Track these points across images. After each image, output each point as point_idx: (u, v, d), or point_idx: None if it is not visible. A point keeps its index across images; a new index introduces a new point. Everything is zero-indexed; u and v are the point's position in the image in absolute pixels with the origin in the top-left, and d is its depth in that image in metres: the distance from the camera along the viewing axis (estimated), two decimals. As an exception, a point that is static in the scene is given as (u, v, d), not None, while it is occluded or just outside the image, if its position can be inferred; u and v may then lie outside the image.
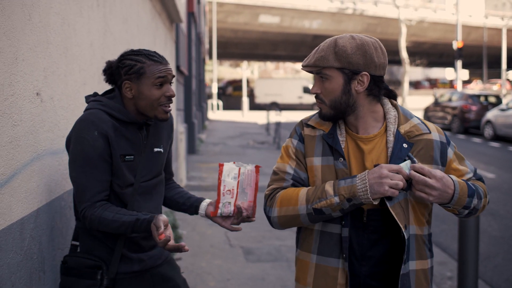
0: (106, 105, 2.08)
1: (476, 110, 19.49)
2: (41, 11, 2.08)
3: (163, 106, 2.10)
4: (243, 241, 6.11)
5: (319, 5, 39.49)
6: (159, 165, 2.26)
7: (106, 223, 1.99)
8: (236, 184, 2.17)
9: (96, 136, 2.00)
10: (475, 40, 46.51)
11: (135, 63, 2.08)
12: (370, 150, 1.96)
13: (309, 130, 2.06)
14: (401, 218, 1.89)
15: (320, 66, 1.92)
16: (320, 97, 1.98)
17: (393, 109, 2.03)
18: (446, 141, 2.03)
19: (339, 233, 1.96)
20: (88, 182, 2.01)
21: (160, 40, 6.14)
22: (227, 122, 26.47)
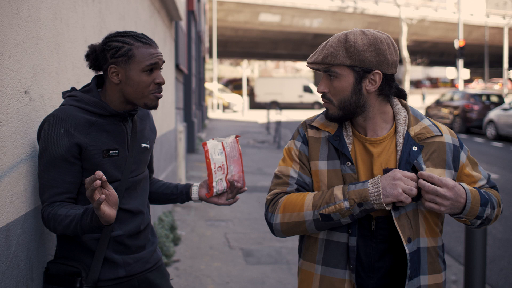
0: (80, 100, 1.94)
1: (478, 109, 19.39)
2: (31, 5, 1.97)
3: (155, 93, 1.98)
4: (243, 243, 6.02)
5: (319, 4, 39.41)
6: (145, 161, 2.16)
7: (59, 220, 1.80)
8: (224, 158, 2.15)
9: (61, 134, 1.86)
10: (477, 39, 46.43)
11: (122, 45, 1.92)
12: (379, 153, 1.84)
13: (313, 131, 1.93)
14: (406, 231, 1.77)
15: (329, 64, 1.79)
16: (328, 97, 1.85)
17: (403, 109, 1.91)
18: (459, 144, 1.91)
19: (345, 242, 1.83)
20: (48, 182, 1.87)
21: (159, 38, 6.03)
22: (227, 121, 26.37)
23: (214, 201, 2.21)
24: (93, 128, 1.92)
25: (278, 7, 38.57)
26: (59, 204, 1.86)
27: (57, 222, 1.81)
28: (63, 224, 1.80)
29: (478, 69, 59.14)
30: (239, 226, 6.69)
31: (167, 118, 7.00)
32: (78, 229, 1.78)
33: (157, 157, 5.84)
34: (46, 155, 1.86)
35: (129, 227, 2.05)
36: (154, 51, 1.96)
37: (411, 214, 1.79)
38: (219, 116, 30.36)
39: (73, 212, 1.80)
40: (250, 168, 11.40)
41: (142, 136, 2.12)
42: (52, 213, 1.83)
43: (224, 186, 2.18)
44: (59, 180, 1.87)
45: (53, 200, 1.87)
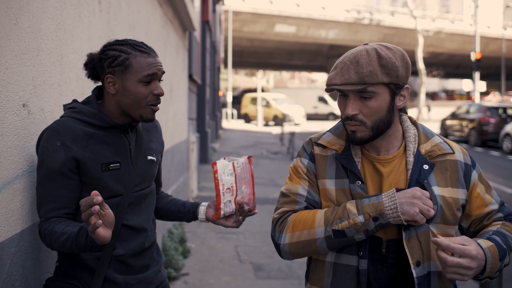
0: (79, 111, 1.86)
1: (495, 122, 19.14)
2: (31, 16, 1.91)
3: (151, 106, 1.88)
4: (253, 257, 5.92)
5: (335, 15, 39.39)
6: (152, 175, 2.06)
7: (56, 237, 1.72)
8: (233, 180, 2.07)
9: (58, 147, 1.78)
10: (493, 52, 46.08)
11: (119, 54, 1.84)
12: (389, 172, 1.75)
13: (320, 149, 1.84)
14: (415, 254, 1.68)
15: (369, 83, 1.65)
16: (359, 119, 1.70)
17: (413, 127, 1.83)
18: (471, 163, 1.82)
19: (355, 265, 1.73)
20: (45, 197, 1.79)
21: (171, 48, 5.99)
22: (241, 131, 26.33)
23: (221, 223, 2.13)
24: (91, 141, 1.84)
25: (294, 18, 38.61)
26: (56, 220, 1.78)
27: (53, 239, 1.73)
28: (59, 242, 1.72)
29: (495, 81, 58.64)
30: (250, 239, 6.60)
31: (179, 128, 6.95)
32: (74, 247, 1.70)
33: (168, 168, 5.78)
34: (43, 168, 1.79)
35: (132, 245, 1.95)
36: (153, 60, 1.88)
37: (422, 236, 1.70)
38: (234, 127, 30.34)
39: (68, 230, 1.71)
40: (263, 179, 11.31)
41: (148, 148, 2.03)
42: (49, 230, 1.75)
43: (232, 208, 2.10)
44: (56, 194, 1.79)
45: (49, 216, 1.79)
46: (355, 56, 1.68)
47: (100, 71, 1.88)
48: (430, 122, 31.72)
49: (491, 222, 1.81)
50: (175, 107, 6.40)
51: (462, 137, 20.48)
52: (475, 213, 1.79)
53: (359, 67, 1.66)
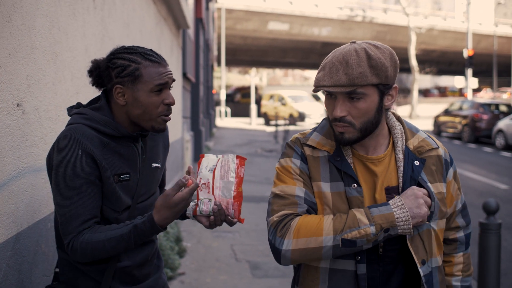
0: (91, 118, 1.76)
1: (487, 119, 19.19)
2: (24, 13, 1.86)
3: (163, 116, 1.82)
4: (249, 255, 5.89)
5: (328, 13, 39.36)
6: (156, 182, 1.98)
7: (101, 247, 1.68)
8: (211, 176, 1.81)
9: (80, 156, 1.69)
10: (485, 48, 46.22)
11: (129, 64, 1.76)
12: (382, 171, 1.72)
13: (310, 150, 1.76)
14: (420, 253, 1.67)
15: (358, 85, 1.61)
16: (348, 120, 1.66)
17: (398, 123, 1.81)
18: (450, 160, 1.84)
19: (352, 269, 1.68)
20: (75, 210, 1.69)
21: (165, 46, 5.94)
22: (235, 130, 26.28)
23: (200, 220, 1.88)
24: (106, 150, 1.76)
25: (287, 16, 38.54)
26: (87, 230, 1.71)
27: (96, 250, 1.69)
28: (107, 249, 1.69)
29: (487, 78, 58.81)
30: (246, 238, 6.57)
31: (174, 127, 6.91)
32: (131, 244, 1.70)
33: (163, 168, 5.73)
34: (66, 181, 1.69)
35: (138, 258, 1.89)
36: (164, 69, 1.81)
37: (424, 234, 1.69)
38: (227, 125, 30.28)
39: (113, 234, 1.70)
40: (257, 177, 11.28)
41: (154, 155, 1.97)
42: (87, 243, 1.69)
43: (210, 208, 1.84)
44: (86, 206, 1.71)
45: (81, 229, 1.71)
46: (344, 56, 1.62)
47: (107, 80, 1.80)
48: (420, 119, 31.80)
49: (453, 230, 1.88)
50: (170, 105, 6.35)
51: (455, 133, 20.53)
52: None
53: (348, 68, 1.60)
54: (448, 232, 1.87)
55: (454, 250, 1.89)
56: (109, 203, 1.77)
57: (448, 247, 1.88)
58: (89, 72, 1.84)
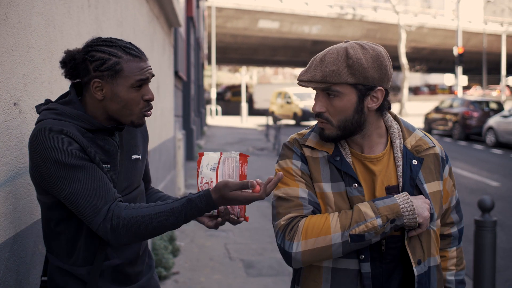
0: (62, 113, 1.67)
1: (478, 116, 19.29)
2: (20, 11, 1.84)
3: (143, 111, 1.76)
4: (243, 254, 5.88)
5: (318, 11, 39.40)
6: (139, 175, 1.91)
7: (147, 222, 1.56)
8: (214, 176, 1.74)
9: (65, 140, 1.59)
10: (475, 46, 46.47)
11: (108, 57, 1.68)
12: (381, 170, 1.73)
13: (309, 151, 1.76)
14: (416, 253, 1.69)
15: (331, 82, 1.63)
16: (325, 116, 1.69)
17: (395, 122, 1.81)
18: (445, 157, 1.85)
19: (356, 269, 1.69)
20: (89, 188, 1.58)
21: (158, 44, 5.91)
22: (226, 128, 26.24)
23: (202, 221, 1.83)
24: (85, 137, 1.67)
25: (277, 14, 38.53)
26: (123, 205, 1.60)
27: (142, 226, 1.57)
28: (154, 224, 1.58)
29: (476, 75, 59.15)
30: (240, 237, 6.55)
31: (166, 126, 6.87)
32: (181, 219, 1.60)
33: (156, 166, 5.70)
34: (63, 168, 1.58)
35: (127, 254, 1.82)
36: (145, 64, 1.74)
37: (423, 235, 1.72)
38: (218, 123, 30.23)
39: (164, 208, 1.60)
40: (250, 176, 11.07)
41: (132, 147, 1.88)
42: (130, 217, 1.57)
43: None
44: (96, 178, 1.60)
45: (111, 199, 1.60)
46: (325, 54, 1.67)
47: (83, 73, 1.70)
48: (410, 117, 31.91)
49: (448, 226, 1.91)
50: (162, 104, 6.32)
51: (446, 131, 20.62)
52: None
53: (323, 65, 1.64)
54: (443, 228, 1.90)
55: (448, 245, 1.92)
56: None
57: (442, 242, 1.91)
58: (62, 63, 1.74)
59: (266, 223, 7.24)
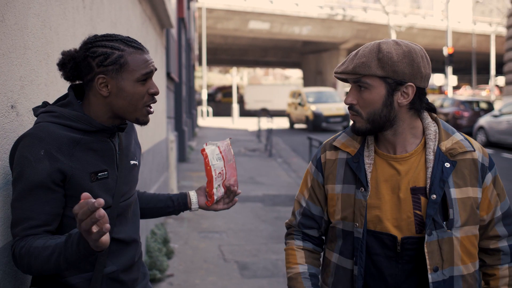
0: (60, 115, 1.64)
1: (468, 116, 19.41)
2: (17, 12, 1.81)
3: (147, 107, 1.72)
4: (237, 255, 5.86)
5: (308, 12, 39.46)
6: (135, 181, 1.89)
7: (36, 254, 1.50)
8: (222, 164, 2.06)
9: (41, 157, 1.56)
10: (464, 46, 46.74)
11: (111, 51, 1.64)
12: (407, 170, 1.72)
13: (331, 153, 1.85)
14: (434, 259, 1.66)
15: (360, 74, 1.67)
16: (356, 109, 1.72)
17: (433, 123, 1.80)
18: (488, 165, 1.77)
19: (351, 269, 1.76)
20: (23, 213, 1.57)
21: (150, 45, 5.88)
22: (218, 129, 26.20)
23: (213, 208, 2.11)
24: (78, 148, 1.64)
25: (268, 15, 38.55)
26: (33, 236, 1.57)
27: (32, 257, 1.51)
28: (40, 259, 1.50)
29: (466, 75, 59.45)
30: (234, 238, 6.54)
31: (159, 127, 6.84)
32: (62, 261, 1.48)
33: (149, 168, 5.67)
34: (22, 181, 1.57)
35: (123, 260, 1.79)
36: (148, 57, 1.72)
37: (444, 242, 1.68)
38: (209, 124, 30.17)
39: (52, 243, 1.50)
40: (242, 177, 11.24)
41: (130, 152, 1.86)
42: (26, 247, 1.52)
43: (222, 191, 2.10)
44: (36, 210, 1.57)
45: (26, 234, 1.57)
46: (360, 48, 1.72)
47: (86, 71, 1.66)
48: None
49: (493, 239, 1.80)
50: (155, 106, 6.29)
51: (437, 131, 20.70)
52: (481, 214, 1.77)
53: (356, 58, 1.69)
54: (488, 241, 1.81)
55: (497, 261, 1.81)
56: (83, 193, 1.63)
57: (490, 258, 1.82)
58: (61, 65, 1.70)
59: (260, 224, 7.23)
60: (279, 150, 16.59)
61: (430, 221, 1.66)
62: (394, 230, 1.70)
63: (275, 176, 11.61)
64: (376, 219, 1.72)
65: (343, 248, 1.80)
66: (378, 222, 1.72)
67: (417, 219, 1.69)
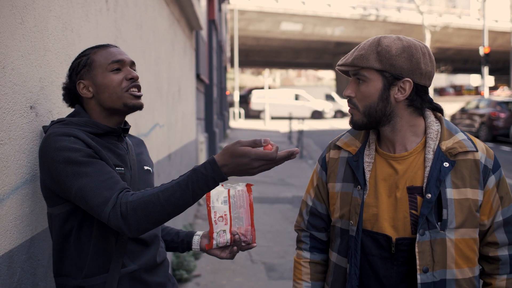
0: (69, 122, 1.73)
1: (505, 117, 18.95)
2: (37, 14, 1.84)
3: (130, 91, 1.77)
4: (265, 257, 5.86)
5: (341, 12, 39.24)
6: (151, 185, 1.94)
7: (155, 200, 1.49)
8: (227, 208, 1.87)
9: (73, 140, 1.62)
10: (502, 46, 45.75)
11: (80, 59, 1.81)
12: (405, 170, 1.70)
13: (334, 152, 1.87)
14: (424, 259, 1.63)
15: (358, 66, 1.68)
16: (353, 102, 1.73)
17: (436, 123, 1.76)
18: (492, 167, 1.71)
19: (345, 267, 1.78)
20: (97, 181, 1.56)
21: (179, 47, 5.93)
22: (249, 131, 26.24)
23: (215, 254, 1.93)
24: (95, 142, 1.71)
25: (300, 16, 38.48)
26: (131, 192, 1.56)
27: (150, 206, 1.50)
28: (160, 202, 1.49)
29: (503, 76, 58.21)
30: (261, 239, 6.53)
31: (188, 129, 6.90)
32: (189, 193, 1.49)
33: (178, 169, 5.72)
34: (72, 164, 1.58)
35: (144, 260, 1.79)
36: (115, 50, 1.82)
37: (436, 243, 1.64)
38: (241, 126, 30.26)
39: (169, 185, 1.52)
40: (272, 179, 11.24)
41: (143, 160, 1.95)
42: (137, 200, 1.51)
43: (227, 238, 1.89)
44: (104, 171, 1.59)
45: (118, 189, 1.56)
46: (362, 42, 1.74)
47: (73, 87, 1.81)
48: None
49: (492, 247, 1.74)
50: (184, 107, 6.34)
51: (472, 132, 20.30)
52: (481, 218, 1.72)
53: (356, 51, 1.70)
54: (487, 248, 1.75)
55: (496, 270, 1.75)
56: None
57: (489, 266, 1.76)
58: (65, 97, 1.85)
59: (288, 226, 7.21)
60: (310, 151, 16.52)
61: (423, 220, 1.63)
62: (391, 230, 1.69)
63: (305, 177, 11.56)
64: (373, 218, 1.71)
65: (340, 247, 1.81)
66: (375, 222, 1.71)
67: (413, 219, 1.66)
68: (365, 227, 1.72)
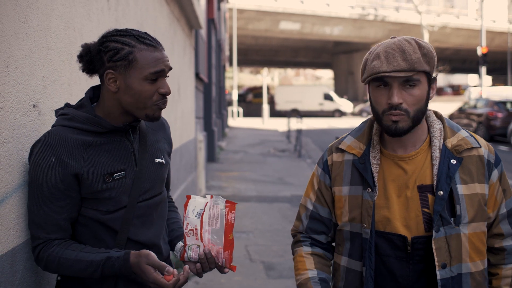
0: (72, 118, 1.66)
1: (502, 117, 18.99)
2: (40, 14, 1.85)
3: (158, 104, 1.68)
4: (264, 256, 5.87)
5: (340, 12, 39.28)
6: (162, 179, 1.84)
7: (68, 265, 1.60)
8: (199, 222, 1.71)
9: (52, 163, 1.59)
10: (499, 46, 45.88)
11: (122, 47, 1.62)
12: (413, 169, 1.72)
13: (337, 155, 1.84)
14: (441, 255, 1.65)
15: (417, 70, 1.62)
16: (403, 108, 1.65)
17: (438, 121, 1.79)
18: (494, 161, 1.75)
19: (360, 271, 1.75)
20: (41, 218, 1.62)
21: (178, 46, 5.94)
22: (248, 129, 26.27)
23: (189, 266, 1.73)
24: (90, 151, 1.65)
25: (298, 15, 38.51)
26: (58, 242, 1.64)
27: (62, 267, 1.63)
28: (73, 269, 1.62)
29: (501, 76, 58.32)
30: (260, 238, 6.54)
31: (187, 127, 6.90)
32: (97, 274, 1.63)
33: (177, 167, 5.73)
34: (36, 187, 1.61)
35: None
36: (160, 55, 1.66)
37: (452, 239, 1.67)
38: (240, 125, 30.28)
39: (85, 257, 1.62)
40: (271, 177, 11.26)
41: (156, 150, 1.83)
42: (54, 256, 1.62)
43: (199, 253, 1.73)
44: (53, 216, 1.62)
45: (49, 238, 1.63)
46: (398, 45, 1.65)
47: (98, 65, 1.66)
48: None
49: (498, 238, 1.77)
50: (183, 106, 6.35)
51: (470, 132, 20.33)
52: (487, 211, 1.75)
53: (406, 54, 1.62)
54: (493, 240, 1.77)
55: (501, 260, 1.77)
56: (98, 206, 1.67)
57: (495, 257, 1.78)
58: (79, 57, 1.70)
59: (287, 225, 7.22)
60: (308, 150, 16.54)
61: (438, 217, 1.65)
62: (404, 229, 1.70)
63: (303, 176, 11.57)
64: (385, 219, 1.71)
65: (351, 250, 1.79)
66: (387, 223, 1.71)
67: (425, 217, 1.68)
68: (377, 229, 1.72)
